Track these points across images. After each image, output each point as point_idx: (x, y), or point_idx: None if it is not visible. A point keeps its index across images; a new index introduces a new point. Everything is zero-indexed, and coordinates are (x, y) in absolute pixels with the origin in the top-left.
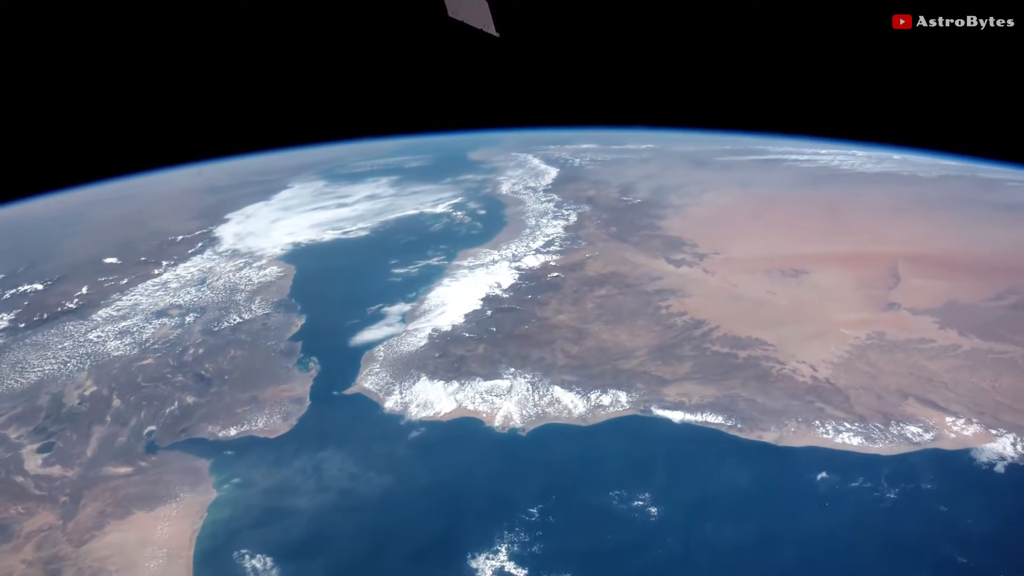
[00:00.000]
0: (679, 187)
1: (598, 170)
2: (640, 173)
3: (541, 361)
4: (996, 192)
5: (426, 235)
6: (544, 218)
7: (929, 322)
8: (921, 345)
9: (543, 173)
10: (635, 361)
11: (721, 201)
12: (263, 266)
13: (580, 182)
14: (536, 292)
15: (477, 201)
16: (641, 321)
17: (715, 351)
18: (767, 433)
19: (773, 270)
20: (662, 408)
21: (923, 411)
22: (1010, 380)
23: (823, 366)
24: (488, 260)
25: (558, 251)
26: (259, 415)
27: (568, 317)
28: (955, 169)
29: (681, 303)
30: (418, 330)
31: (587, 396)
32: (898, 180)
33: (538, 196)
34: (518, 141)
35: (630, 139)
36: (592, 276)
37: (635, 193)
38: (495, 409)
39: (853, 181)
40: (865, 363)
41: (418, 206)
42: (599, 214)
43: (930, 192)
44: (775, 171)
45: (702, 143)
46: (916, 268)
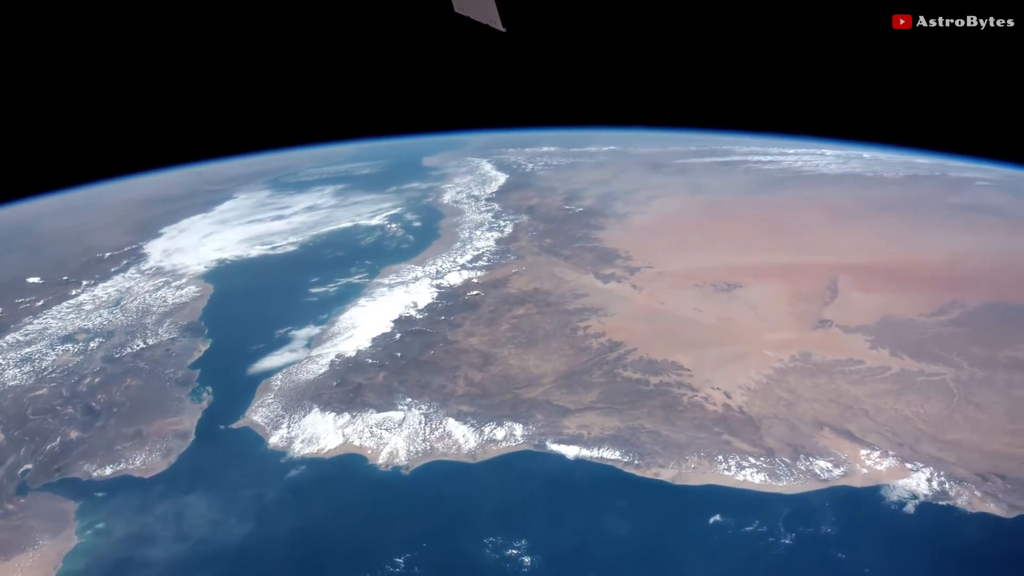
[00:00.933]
0: (628, 194)
1: (549, 176)
2: (591, 178)
3: (441, 390)
4: (963, 193)
5: (354, 250)
6: (479, 230)
7: (860, 341)
8: (847, 367)
9: (491, 180)
10: (539, 389)
11: (667, 209)
12: (182, 285)
13: (526, 189)
14: (451, 312)
15: (415, 212)
16: (555, 344)
17: (626, 377)
18: (665, 470)
19: (706, 284)
20: (558, 442)
21: (837, 443)
22: (937, 406)
23: (738, 392)
24: (410, 277)
25: (484, 266)
26: (139, 452)
27: (479, 340)
28: (925, 168)
29: (601, 323)
30: (321, 356)
31: (481, 429)
32: (860, 182)
33: (479, 206)
34: (482, 143)
35: (595, 140)
36: (513, 294)
37: (580, 201)
38: (382, 445)
39: (812, 184)
40: (784, 388)
41: (355, 218)
42: (536, 225)
43: (892, 194)
44: (733, 174)
45: (667, 143)
46: (858, 279)
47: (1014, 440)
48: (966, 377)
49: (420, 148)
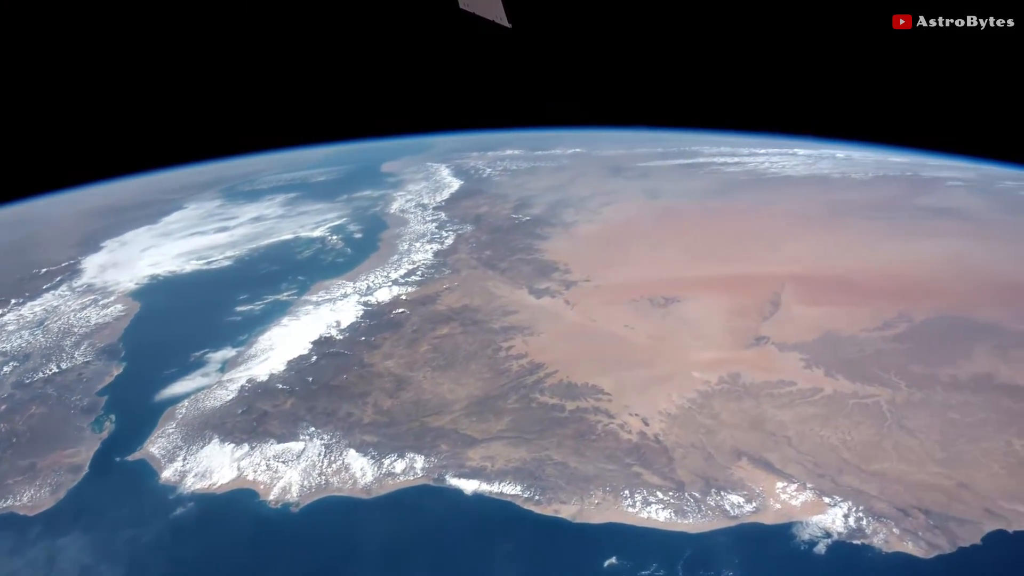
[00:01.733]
0: (581, 200)
1: (505, 182)
2: (547, 184)
3: (347, 418)
4: (931, 194)
5: (290, 264)
6: (419, 241)
7: (795, 360)
8: (777, 390)
9: (445, 187)
10: (448, 417)
11: (618, 216)
12: (108, 304)
13: (478, 197)
14: (373, 332)
15: (360, 222)
16: (473, 366)
17: (542, 402)
18: (566, 506)
19: (642, 299)
20: (458, 476)
21: (753, 475)
22: (866, 432)
23: (657, 419)
24: (339, 294)
25: (417, 281)
26: (29, 487)
27: (395, 363)
28: (897, 167)
29: (525, 343)
30: (232, 381)
31: (381, 462)
32: (825, 185)
33: (425, 215)
34: (449, 146)
35: (563, 142)
36: (441, 311)
37: (529, 209)
38: (276, 479)
39: (776, 187)
40: (706, 414)
41: (298, 229)
42: (479, 235)
43: (855, 198)
44: (695, 178)
45: (635, 145)
46: (804, 291)
47: (943, 470)
48: (902, 399)
49: (386, 152)
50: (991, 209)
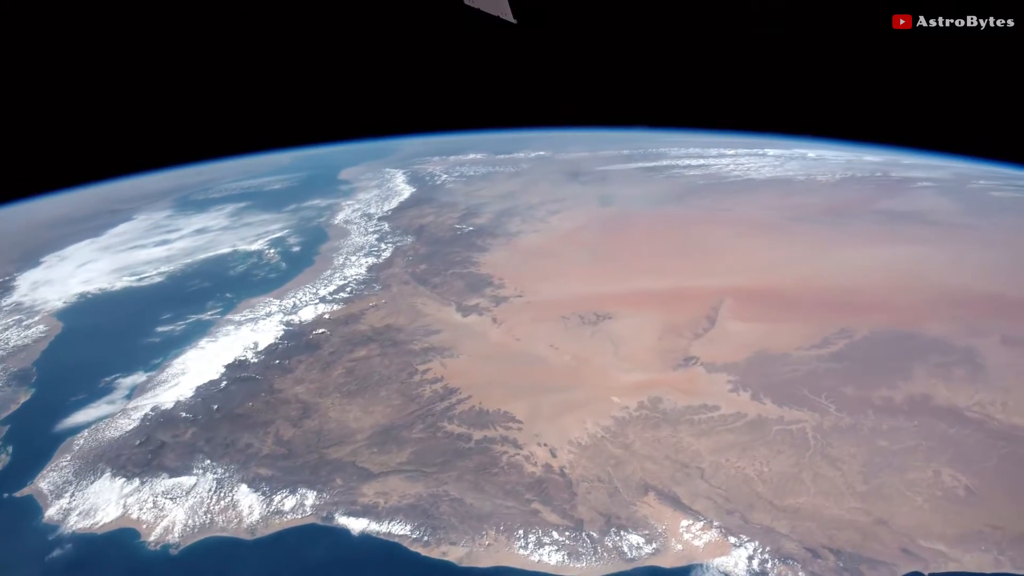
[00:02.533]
0: (530, 208)
1: (457, 189)
2: (500, 191)
3: (246, 449)
4: (897, 196)
5: (221, 280)
6: (356, 255)
7: (723, 382)
8: (698, 415)
9: (395, 195)
10: (349, 448)
11: (564, 226)
12: (32, 325)
13: (426, 206)
14: (289, 355)
15: (301, 234)
16: (384, 392)
17: (449, 431)
18: (455, 548)
19: (573, 315)
20: (348, 514)
21: (659, 511)
22: (786, 462)
23: (566, 449)
24: (263, 313)
25: (344, 299)
26: None
27: (305, 388)
28: (867, 167)
29: (443, 366)
30: (137, 409)
31: (271, 498)
32: (788, 188)
33: (368, 226)
34: (413, 150)
35: (529, 145)
36: (363, 332)
37: (475, 218)
38: (160, 517)
39: (733, 191)
40: (619, 443)
41: (237, 242)
42: (418, 248)
43: (816, 202)
44: (653, 182)
45: (600, 147)
46: (743, 305)
47: (862, 504)
48: (829, 424)
49: (351, 156)
50: (957, 212)
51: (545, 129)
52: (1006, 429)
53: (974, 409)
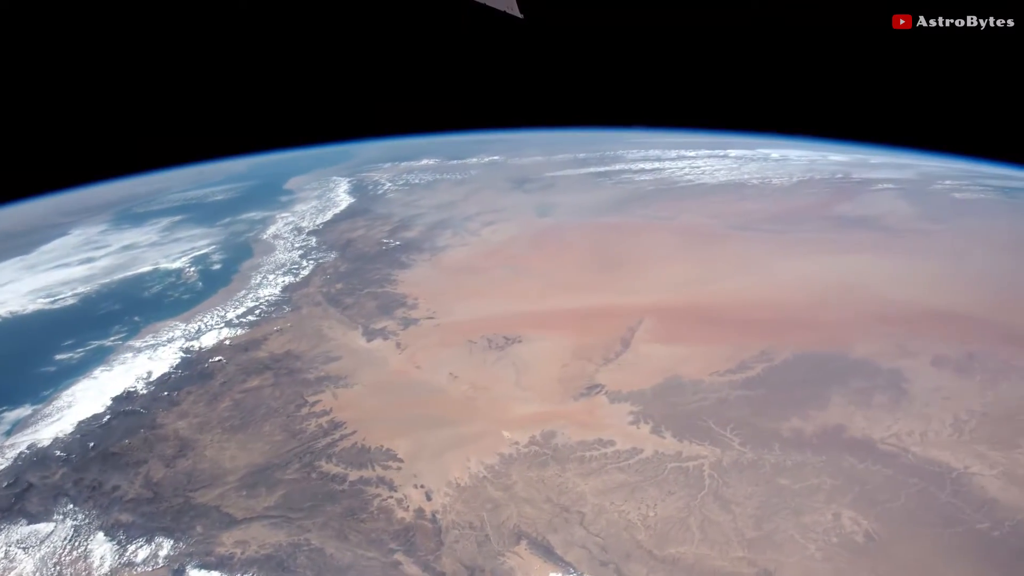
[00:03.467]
0: (466, 220)
1: (398, 199)
2: (440, 200)
3: (112, 492)
4: (852, 200)
5: (133, 302)
6: (275, 273)
7: (624, 413)
8: (590, 452)
9: (333, 206)
10: (218, 490)
11: (496, 238)
12: None
13: (360, 218)
14: (180, 386)
15: (226, 251)
16: (268, 427)
17: (325, 471)
18: None
19: (481, 339)
20: (200, 567)
21: (527, 562)
22: (675, 505)
23: (443, 491)
24: (165, 339)
25: (251, 322)
26: None
27: (188, 423)
28: (828, 168)
29: (334, 397)
30: (13, 446)
31: (126, 548)
32: (737, 193)
33: (295, 241)
34: (369, 156)
35: (484, 149)
36: (261, 359)
37: (407, 231)
38: (9, 570)
39: (681, 197)
40: (500, 484)
41: (161, 260)
42: (339, 265)
43: (766, 208)
44: (599, 189)
45: (558, 150)
46: (663, 325)
47: (748, 554)
48: (730, 460)
49: (307, 162)
50: (912, 216)
51: (511, 130)
52: (920, 464)
53: (889, 441)
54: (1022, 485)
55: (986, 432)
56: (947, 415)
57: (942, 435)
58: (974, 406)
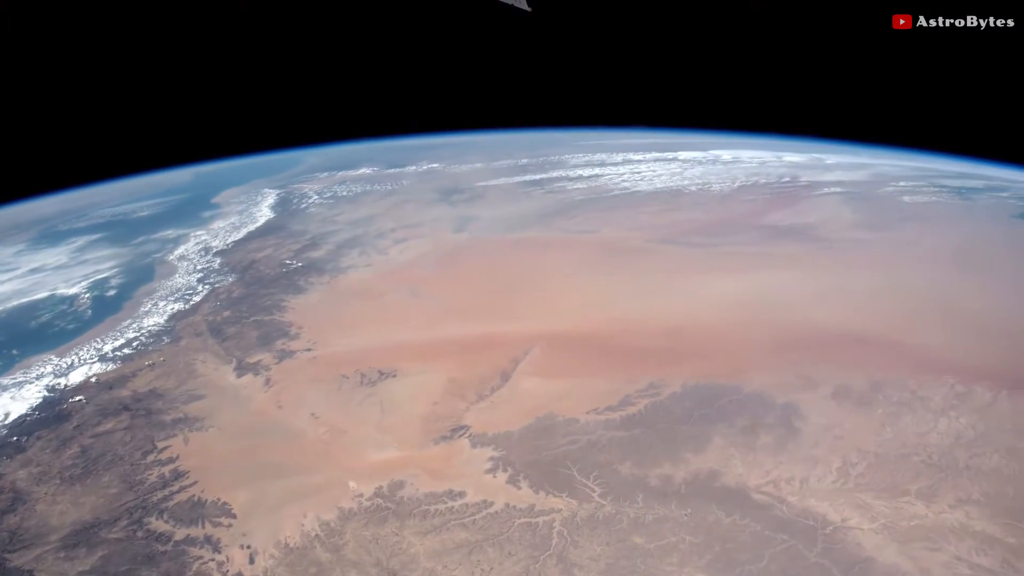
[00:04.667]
0: (379, 236)
1: (318, 213)
2: (360, 215)
3: None
4: (793, 207)
5: (17, 333)
6: (167, 300)
7: (484, 459)
8: (436, 505)
9: (250, 222)
10: (36, 552)
11: (403, 258)
12: None
13: (272, 236)
14: (33, 429)
15: (128, 274)
16: (108, 477)
17: (152, 529)
18: None
19: (355, 373)
20: None
21: None
22: (511, 571)
23: (269, 553)
24: (35, 375)
25: (126, 356)
26: None
27: (28, 472)
28: (779, 171)
29: (185, 442)
30: None
31: None
32: (671, 201)
33: (199, 263)
34: (315, 163)
35: (425, 156)
36: (123, 398)
37: (315, 250)
38: None
39: (609, 208)
40: (330, 546)
41: (61, 284)
42: (233, 290)
43: (696, 217)
44: (527, 199)
45: (503, 154)
46: (551, 355)
47: None
48: (585, 515)
49: (248, 172)
50: (851, 224)
51: (477, 132)
52: (794, 517)
53: (765, 490)
54: (901, 541)
55: (874, 477)
56: (835, 457)
57: (825, 482)
58: (868, 445)
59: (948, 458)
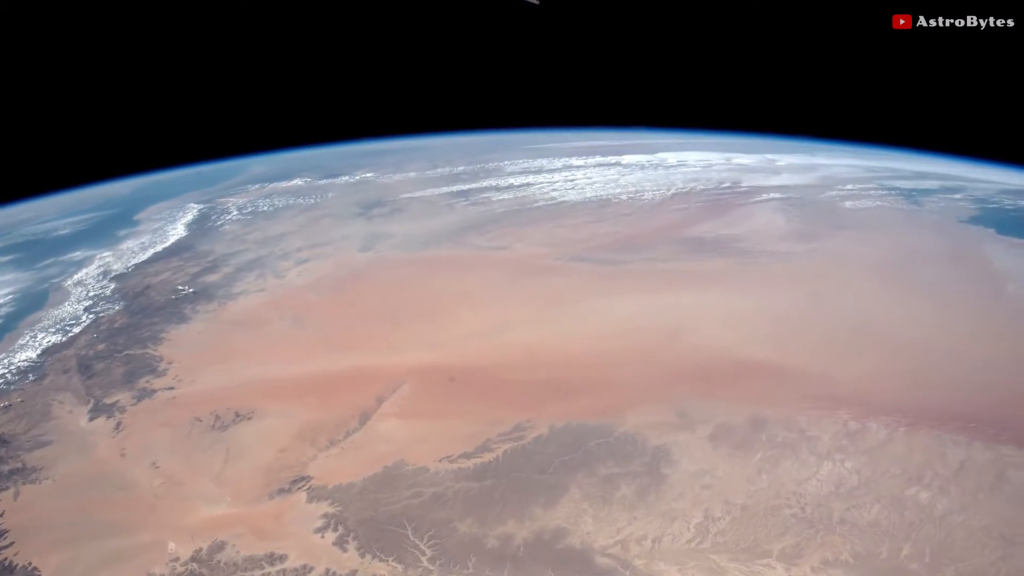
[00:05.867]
0: (284, 256)
1: (231, 231)
2: (273, 232)
3: None
4: (724, 216)
5: None
6: (46, 332)
7: (316, 516)
8: (254, 571)
9: (160, 242)
10: None
11: (300, 281)
12: None
13: (176, 257)
14: None
15: (21, 302)
16: None
17: None
18: None
19: (210, 415)
20: None
21: None
22: None
23: None
24: None
25: None
26: None
27: None
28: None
29: (14, 496)
30: None
31: None
32: (598, 212)
33: (92, 289)
34: (252, 175)
35: (362, 164)
36: None
37: (212, 274)
38: None
39: (532, 221)
40: None
41: None
42: (116, 320)
43: (617, 231)
44: (449, 213)
45: (442, 161)
46: (420, 393)
47: None
48: None
49: (185, 183)
50: (783, 235)
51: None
52: None
53: (612, 551)
54: None
55: (735, 535)
56: (697, 512)
57: (679, 541)
58: (737, 496)
59: (823, 510)
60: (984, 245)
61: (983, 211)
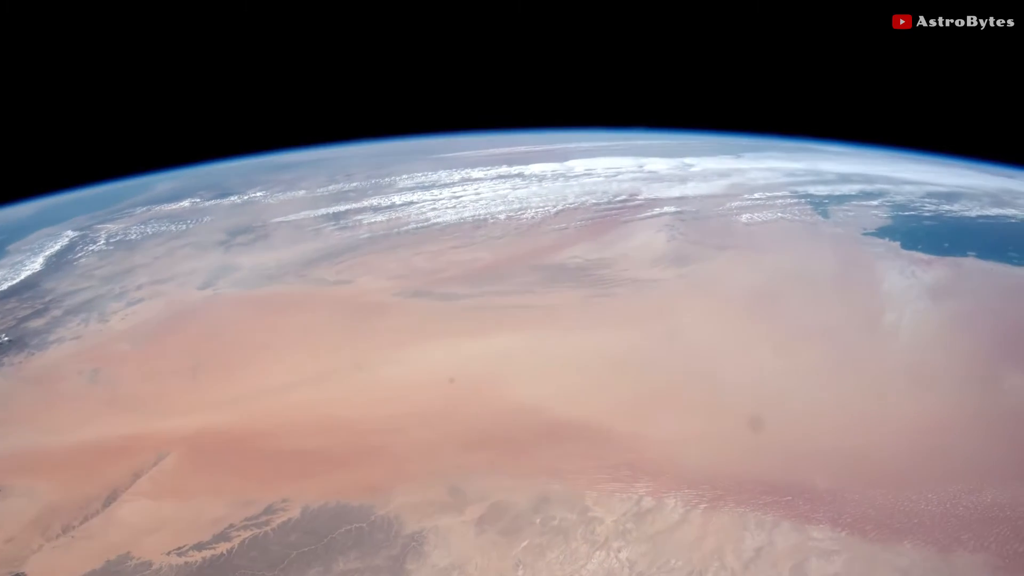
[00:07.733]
0: (120, 296)
1: (86, 264)
2: (125, 266)
3: None
4: (602, 236)
5: None
6: None
7: None
8: None
9: (11, 278)
10: None
11: (122, 326)
12: None
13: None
14: None
15: None
16: None
17: None
18: None
19: None
20: None
21: None
22: None
23: None
24: None
25: None
26: None
27: None
28: (617, 188)
29: None
30: None
31: None
32: (465, 234)
33: None
34: (156, 195)
35: (255, 183)
36: None
37: (41, 317)
38: None
39: (393, 247)
40: None
41: None
42: None
43: (476, 258)
44: (312, 239)
45: (344, 175)
46: (183, 466)
47: None
48: None
49: (83, 205)
50: (656, 258)
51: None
52: None
53: None
54: None
55: None
56: None
57: None
58: None
59: None
60: (878, 265)
61: (896, 220)
